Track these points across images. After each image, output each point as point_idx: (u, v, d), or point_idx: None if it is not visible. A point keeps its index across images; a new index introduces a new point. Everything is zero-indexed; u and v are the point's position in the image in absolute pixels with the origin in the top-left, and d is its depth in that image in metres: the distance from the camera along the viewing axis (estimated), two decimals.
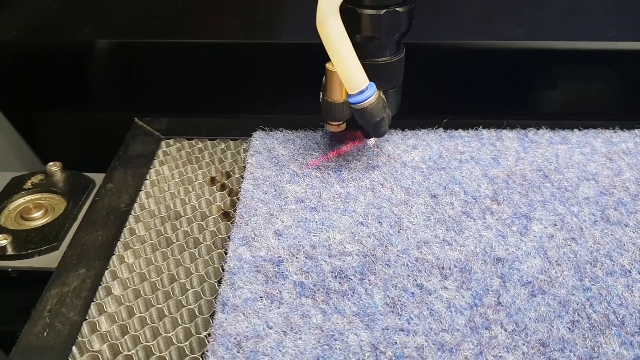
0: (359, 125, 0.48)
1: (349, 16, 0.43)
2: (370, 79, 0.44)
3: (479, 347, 0.36)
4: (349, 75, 0.43)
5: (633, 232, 0.44)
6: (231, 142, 0.56)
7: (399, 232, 0.44)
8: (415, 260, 0.42)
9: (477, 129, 0.56)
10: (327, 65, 0.45)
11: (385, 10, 0.43)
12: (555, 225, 0.45)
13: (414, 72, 0.49)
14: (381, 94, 0.46)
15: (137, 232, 0.46)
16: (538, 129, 0.56)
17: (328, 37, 0.42)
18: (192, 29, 0.55)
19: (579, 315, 0.38)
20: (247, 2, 0.53)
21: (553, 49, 0.62)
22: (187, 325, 0.39)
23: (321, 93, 0.48)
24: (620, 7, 0.52)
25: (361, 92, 0.43)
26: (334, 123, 0.49)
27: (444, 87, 0.67)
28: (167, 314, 0.40)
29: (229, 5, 0.52)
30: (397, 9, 0.44)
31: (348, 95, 0.44)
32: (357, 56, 0.43)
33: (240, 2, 0.53)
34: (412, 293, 0.40)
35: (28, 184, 0.54)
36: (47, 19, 0.53)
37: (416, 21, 0.45)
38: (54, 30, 0.55)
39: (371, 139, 0.53)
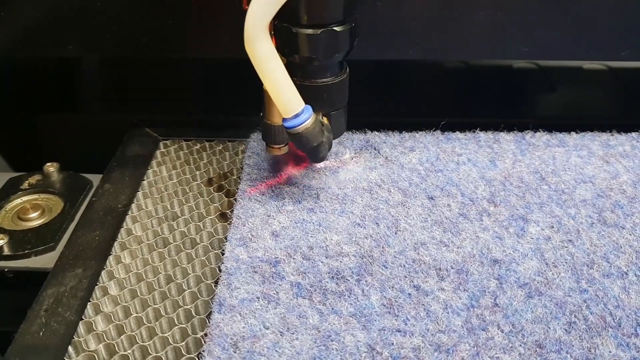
0: None
1: (285, 35, 0.41)
2: (311, 101, 0.42)
3: (475, 348, 0.36)
4: (282, 98, 0.40)
5: (630, 235, 0.44)
6: (229, 144, 0.56)
7: (396, 233, 0.44)
8: (412, 262, 0.42)
9: (474, 132, 0.56)
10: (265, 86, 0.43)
11: (322, 29, 0.41)
12: (552, 227, 0.45)
13: (415, 81, 0.49)
14: (319, 117, 0.43)
15: (134, 232, 0.46)
16: (535, 132, 0.56)
17: (257, 59, 0.39)
18: (184, 44, 0.54)
19: (575, 316, 0.38)
20: (239, 18, 0.51)
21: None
22: (183, 325, 0.39)
23: (261, 114, 0.46)
24: (631, 26, 0.51)
25: (296, 115, 0.41)
26: (275, 146, 0.47)
27: (443, 90, 0.67)
28: (163, 314, 0.40)
29: (220, 21, 0.51)
30: (335, 28, 0.41)
31: (283, 119, 0.41)
32: (295, 77, 0.41)
33: (232, 18, 0.51)
34: (409, 294, 0.40)
35: (25, 185, 0.54)
36: (32, 35, 0.52)
37: (424, 40, 0.44)
38: (38, 46, 0.53)
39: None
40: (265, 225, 0.45)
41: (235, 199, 0.48)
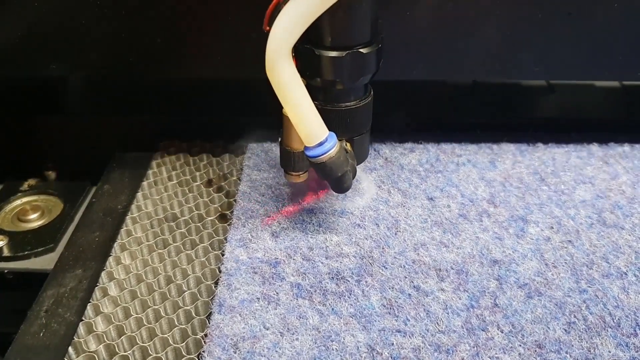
0: None
1: (307, 58, 0.39)
2: (334, 127, 0.39)
3: (475, 348, 0.36)
4: (305, 126, 0.38)
5: (629, 235, 0.45)
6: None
7: (396, 234, 0.44)
8: (412, 262, 0.42)
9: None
10: (284, 110, 0.39)
11: (347, 51, 0.38)
12: (552, 227, 0.45)
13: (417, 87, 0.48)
14: (344, 144, 0.41)
15: (133, 233, 0.46)
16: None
17: (279, 84, 0.36)
18: (175, 63, 0.52)
19: (575, 317, 0.38)
20: (230, 38, 0.49)
21: None
22: (183, 326, 0.39)
23: (280, 139, 0.43)
24: None
25: (320, 144, 0.38)
26: (294, 173, 0.44)
27: (442, 91, 0.67)
28: (163, 315, 0.40)
29: (210, 40, 0.49)
30: (361, 50, 0.38)
31: (305, 148, 0.39)
32: (316, 100, 0.39)
33: (224, 38, 0.49)
34: (409, 294, 0.40)
35: (25, 186, 0.54)
36: (14, 54, 0.51)
37: (430, 59, 0.42)
38: (21, 65, 0.52)
39: None
40: (265, 226, 0.45)
41: (235, 200, 0.48)
